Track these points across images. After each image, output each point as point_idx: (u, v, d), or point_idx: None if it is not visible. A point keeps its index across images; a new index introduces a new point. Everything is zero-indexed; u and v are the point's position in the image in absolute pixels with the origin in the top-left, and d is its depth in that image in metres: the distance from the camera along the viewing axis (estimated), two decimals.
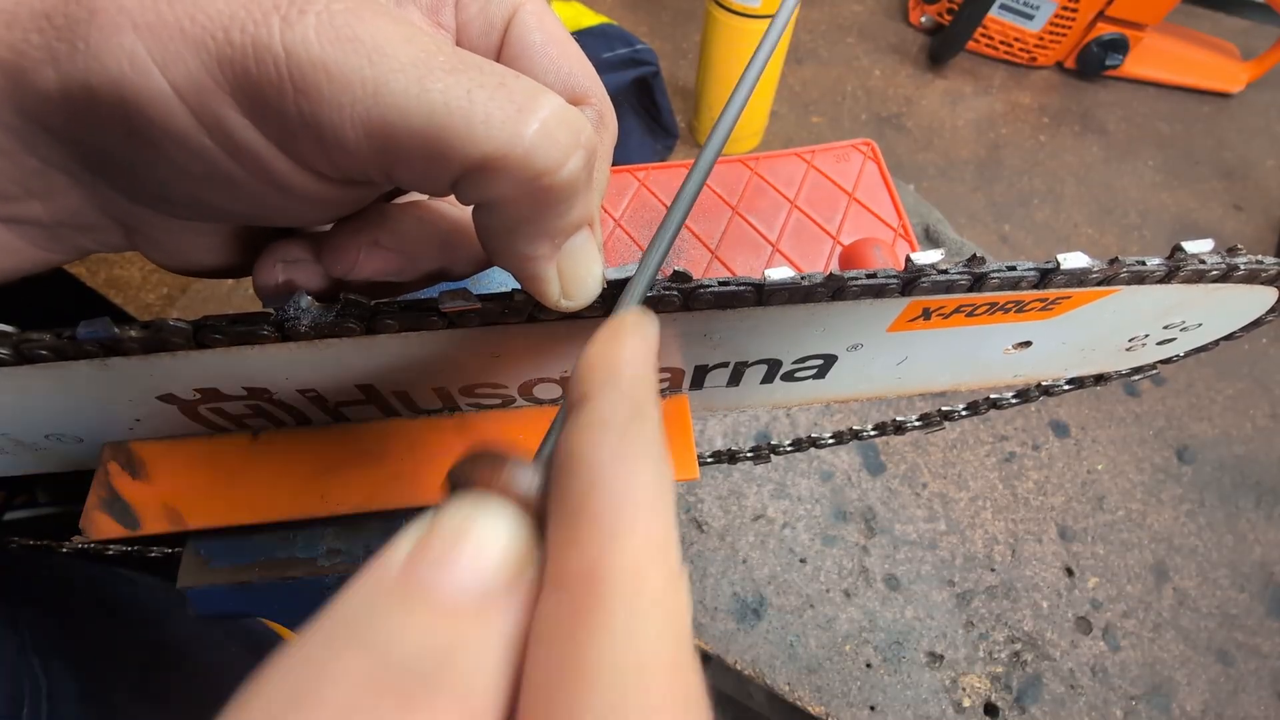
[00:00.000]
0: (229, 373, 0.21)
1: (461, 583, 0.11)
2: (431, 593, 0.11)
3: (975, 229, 0.93)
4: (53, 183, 0.16)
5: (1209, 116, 1.08)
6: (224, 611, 0.28)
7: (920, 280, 0.21)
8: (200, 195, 0.16)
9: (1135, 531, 0.66)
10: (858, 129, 1.05)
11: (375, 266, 0.19)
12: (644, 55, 0.88)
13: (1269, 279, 0.25)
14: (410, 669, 0.10)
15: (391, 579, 0.11)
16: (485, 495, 0.13)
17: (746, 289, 0.20)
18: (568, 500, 0.12)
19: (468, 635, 0.11)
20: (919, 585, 0.61)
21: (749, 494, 0.64)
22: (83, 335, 0.18)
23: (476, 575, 0.12)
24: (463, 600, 0.11)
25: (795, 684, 0.56)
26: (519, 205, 0.16)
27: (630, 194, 0.42)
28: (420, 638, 0.11)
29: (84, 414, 0.23)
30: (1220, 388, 0.76)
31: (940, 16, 1.13)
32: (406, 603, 0.11)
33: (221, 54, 0.13)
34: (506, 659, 0.11)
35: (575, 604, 0.11)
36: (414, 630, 0.11)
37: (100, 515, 0.25)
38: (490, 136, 0.14)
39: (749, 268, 0.39)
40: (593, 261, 0.18)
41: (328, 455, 0.26)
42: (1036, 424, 0.72)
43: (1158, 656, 0.59)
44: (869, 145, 0.44)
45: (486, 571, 0.12)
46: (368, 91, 0.14)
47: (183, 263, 0.20)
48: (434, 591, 0.11)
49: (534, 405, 0.28)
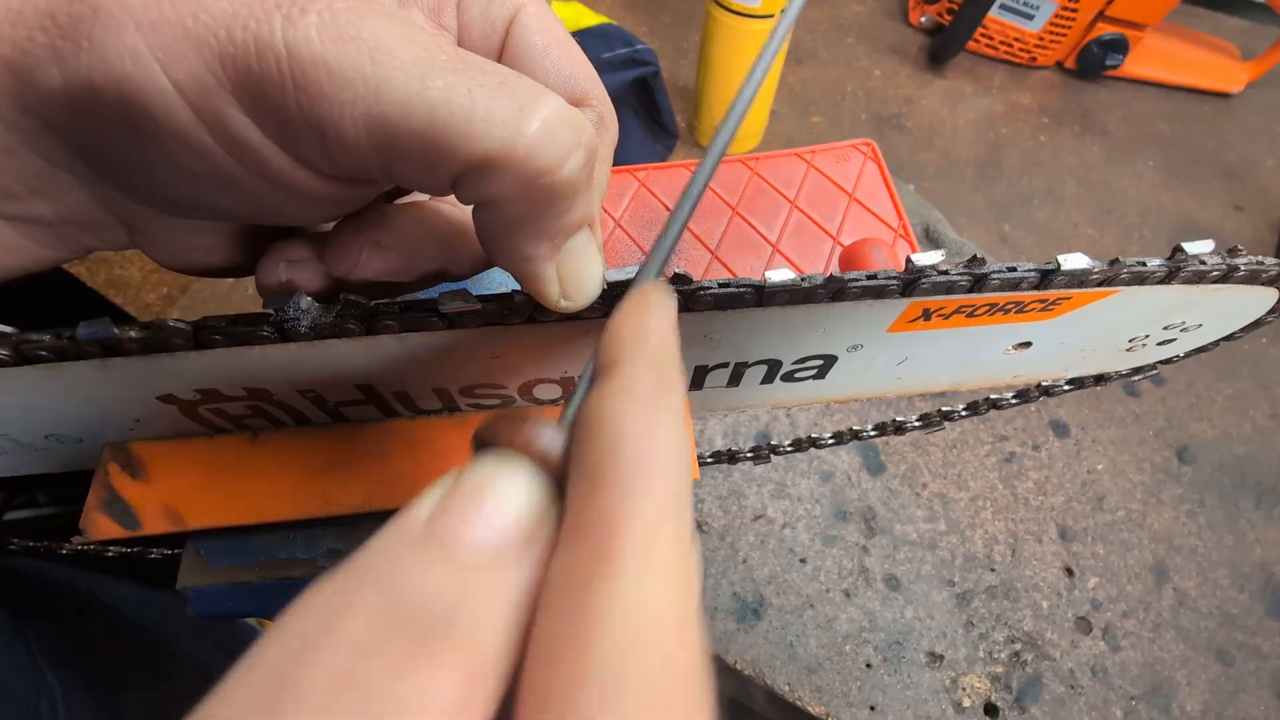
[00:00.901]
0: (229, 373, 0.21)
1: (479, 537, 0.12)
2: (450, 545, 0.12)
3: (975, 229, 0.93)
4: (56, 181, 0.16)
5: (1209, 116, 1.08)
6: (224, 612, 0.28)
7: (921, 281, 0.21)
8: (202, 194, 0.16)
9: (1135, 531, 0.66)
10: (858, 129, 1.05)
11: (376, 267, 0.19)
12: (644, 55, 0.88)
13: (1269, 280, 0.25)
14: (423, 614, 0.11)
15: (413, 531, 0.12)
16: (508, 453, 0.13)
17: (747, 290, 0.20)
18: (590, 458, 0.12)
19: (480, 589, 0.11)
20: (919, 585, 0.61)
21: (749, 494, 0.64)
22: (83, 336, 0.18)
23: (494, 530, 0.12)
24: (479, 553, 0.12)
25: (795, 684, 0.56)
26: (519, 204, 0.16)
27: (630, 194, 0.42)
28: (435, 585, 0.11)
29: (84, 414, 0.23)
30: (1220, 388, 0.76)
31: (940, 16, 1.13)
32: (425, 553, 0.11)
33: (224, 52, 0.14)
34: (517, 614, 0.12)
35: (588, 554, 0.11)
36: (430, 579, 0.11)
37: (100, 516, 0.25)
38: (491, 135, 0.14)
39: (749, 268, 0.39)
40: (593, 262, 0.18)
41: (328, 455, 0.26)
42: (1036, 424, 0.72)
43: (1158, 656, 0.59)
44: (869, 145, 0.44)
45: (504, 527, 0.12)
46: (369, 89, 0.14)
47: (184, 261, 0.20)
48: (452, 544, 0.12)
49: (534, 405, 0.28)
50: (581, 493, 0.12)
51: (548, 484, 0.13)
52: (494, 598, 0.11)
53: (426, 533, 0.12)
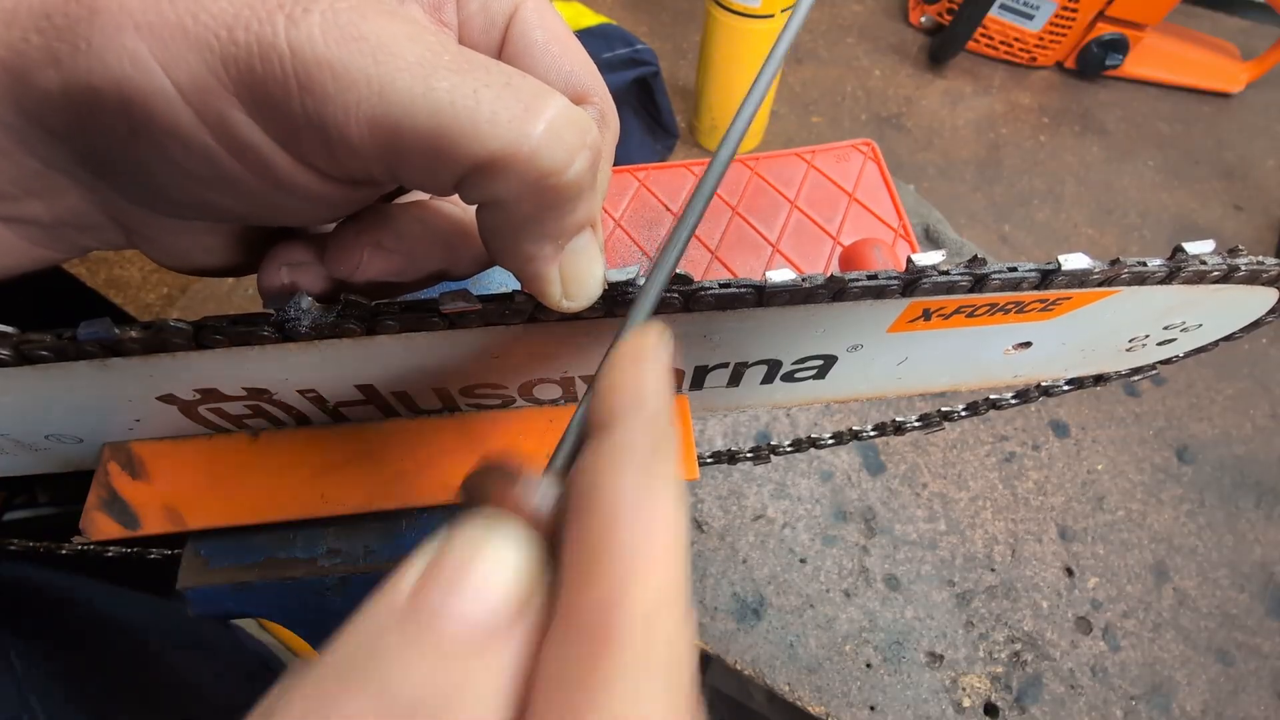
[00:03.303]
0: (229, 373, 0.21)
1: (468, 614, 0.11)
2: (438, 626, 0.11)
3: (975, 229, 0.93)
4: (53, 183, 0.16)
5: (1209, 116, 1.08)
6: (224, 612, 0.28)
7: (921, 281, 0.21)
8: (202, 195, 0.16)
9: (1135, 531, 0.66)
10: (858, 129, 1.05)
11: (378, 267, 0.19)
12: (644, 55, 0.88)
13: (1269, 280, 0.25)
14: (416, 710, 0.10)
15: (400, 607, 0.11)
16: (496, 515, 0.13)
17: (747, 291, 0.20)
18: (586, 534, 0.12)
19: (473, 673, 0.11)
20: (919, 585, 0.61)
21: (749, 494, 0.64)
22: (83, 336, 0.18)
23: (483, 606, 0.12)
24: (469, 634, 0.11)
25: (795, 684, 0.56)
26: (523, 204, 0.15)
27: (630, 194, 0.42)
28: (427, 676, 0.11)
29: (84, 414, 0.23)
30: (1220, 388, 0.76)
31: (940, 16, 1.13)
32: (414, 636, 0.11)
33: (226, 53, 0.13)
34: (512, 692, 0.11)
35: (585, 647, 0.11)
36: (420, 668, 0.11)
37: (100, 515, 0.25)
38: (496, 135, 0.14)
39: (749, 268, 0.39)
40: (594, 262, 0.18)
41: (328, 455, 0.26)
42: (1036, 424, 0.72)
43: (1158, 656, 0.59)
44: (869, 145, 0.44)
45: (494, 602, 0.12)
46: (373, 90, 0.14)
47: (183, 262, 0.20)
48: (441, 624, 0.11)
49: (534, 405, 0.28)
50: (578, 574, 0.12)
51: (538, 546, 0.13)
52: (488, 680, 0.11)
53: (412, 608, 0.11)
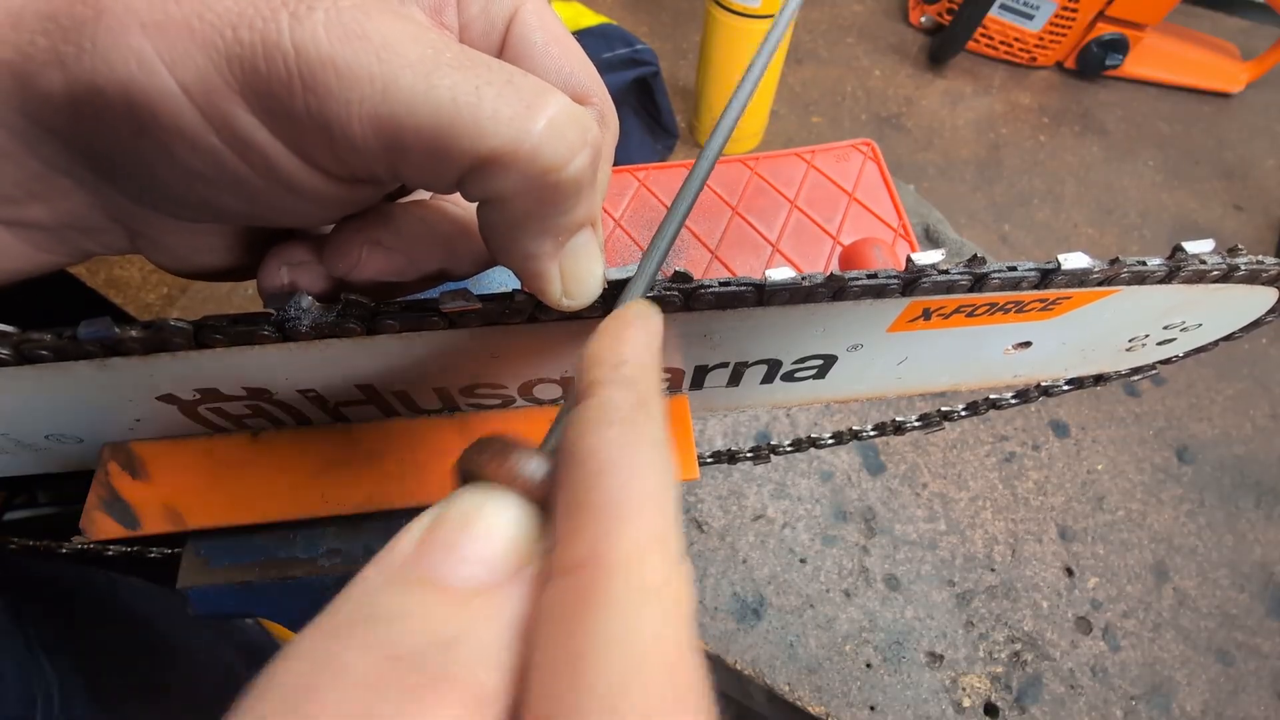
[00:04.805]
0: (229, 373, 0.21)
1: (468, 570, 0.12)
2: (439, 580, 0.11)
3: (975, 229, 0.93)
4: (56, 185, 0.16)
5: (1209, 116, 1.08)
6: (224, 611, 0.28)
7: (921, 281, 0.21)
8: (206, 195, 0.16)
9: (1135, 531, 0.66)
10: (858, 129, 1.04)
11: (377, 266, 0.19)
12: (644, 55, 0.88)
13: (1269, 279, 0.25)
14: (417, 658, 0.10)
15: (400, 566, 0.12)
16: (492, 485, 0.13)
17: (747, 290, 0.20)
18: (572, 490, 0.12)
19: (474, 623, 0.11)
20: (919, 585, 0.61)
21: (749, 494, 0.64)
22: (83, 335, 0.18)
23: (482, 563, 0.12)
24: (469, 588, 0.12)
25: (795, 684, 0.56)
26: (524, 201, 0.16)
27: (630, 194, 0.42)
28: (427, 626, 0.11)
29: (84, 414, 0.23)
30: (1220, 388, 0.76)
31: (940, 16, 1.13)
32: (414, 591, 0.11)
33: (230, 52, 0.13)
34: (512, 645, 0.11)
35: (577, 590, 0.11)
36: (421, 619, 0.11)
37: (100, 515, 0.25)
38: (498, 132, 0.14)
39: (749, 268, 0.39)
40: (594, 261, 0.18)
41: (328, 455, 0.26)
42: (1036, 424, 0.72)
43: (1158, 656, 0.59)
44: (869, 145, 0.44)
45: (492, 559, 0.12)
46: (376, 88, 0.14)
47: (185, 265, 0.20)
48: (441, 579, 0.11)
49: (534, 405, 0.28)
50: (568, 527, 0.12)
51: (534, 513, 0.13)
52: (488, 633, 0.11)
53: (413, 566, 0.12)
